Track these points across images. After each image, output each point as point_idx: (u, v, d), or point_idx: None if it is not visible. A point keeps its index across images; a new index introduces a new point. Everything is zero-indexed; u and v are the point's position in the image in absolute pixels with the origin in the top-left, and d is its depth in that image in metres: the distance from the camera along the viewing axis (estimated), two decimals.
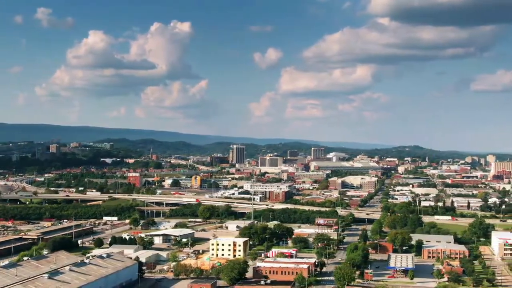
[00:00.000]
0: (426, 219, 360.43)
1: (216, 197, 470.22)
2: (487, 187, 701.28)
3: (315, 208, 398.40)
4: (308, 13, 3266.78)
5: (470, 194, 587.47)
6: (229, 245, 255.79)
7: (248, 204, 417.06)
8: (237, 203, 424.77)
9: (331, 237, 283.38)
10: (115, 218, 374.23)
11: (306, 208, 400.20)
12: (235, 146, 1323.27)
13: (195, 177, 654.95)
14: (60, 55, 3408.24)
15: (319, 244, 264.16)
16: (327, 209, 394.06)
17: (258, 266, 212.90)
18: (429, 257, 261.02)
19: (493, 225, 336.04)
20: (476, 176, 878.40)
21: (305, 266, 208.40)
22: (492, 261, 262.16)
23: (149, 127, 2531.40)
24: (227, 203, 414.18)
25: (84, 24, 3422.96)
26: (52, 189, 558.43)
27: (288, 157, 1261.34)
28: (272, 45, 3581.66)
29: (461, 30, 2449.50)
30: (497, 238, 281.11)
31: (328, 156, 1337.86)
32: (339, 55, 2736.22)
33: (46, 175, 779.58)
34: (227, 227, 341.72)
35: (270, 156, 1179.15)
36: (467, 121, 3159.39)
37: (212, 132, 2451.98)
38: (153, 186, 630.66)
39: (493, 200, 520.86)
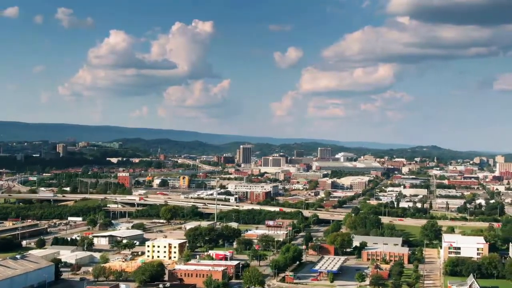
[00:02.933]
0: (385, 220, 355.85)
1: (191, 197, 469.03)
2: (480, 188, 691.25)
3: (278, 209, 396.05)
4: (326, 12, 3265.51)
5: (458, 196, 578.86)
6: (165, 247, 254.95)
7: (218, 204, 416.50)
8: (207, 203, 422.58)
9: (276, 239, 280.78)
10: (80, 219, 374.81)
11: (272, 209, 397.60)
12: (242, 146, 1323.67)
13: (183, 177, 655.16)
14: (82, 54, 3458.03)
15: (255, 246, 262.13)
16: (293, 210, 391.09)
17: (174, 269, 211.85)
18: (368, 259, 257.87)
19: (453, 227, 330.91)
20: (478, 177, 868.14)
21: (221, 268, 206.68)
22: (433, 264, 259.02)
23: (170, 126, 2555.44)
24: (193, 204, 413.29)
25: (105, 24, 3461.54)
26: (42, 188, 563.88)
27: (293, 157, 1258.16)
28: (292, 44, 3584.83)
29: (483, 29, 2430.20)
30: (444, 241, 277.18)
31: (337, 156, 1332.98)
32: (360, 54, 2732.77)
33: (45, 174, 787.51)
34: (186, 228, 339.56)
35: (274, 157, 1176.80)
36: (490, 120, 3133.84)
37: (234, 132, 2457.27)
38: (143, 186, 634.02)
39: (480, 201, 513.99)
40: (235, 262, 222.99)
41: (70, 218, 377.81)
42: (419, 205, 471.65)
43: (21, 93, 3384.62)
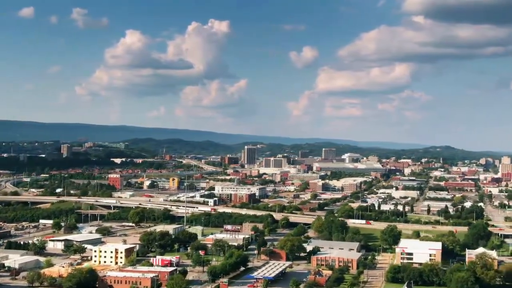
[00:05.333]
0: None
1: (170, 200, 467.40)
2: (473, 190, 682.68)
3: (252, 212, 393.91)
4: (340, 12, 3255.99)
5: (447, 198, 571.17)
6: (111, 252, 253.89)
7: (194, 207, 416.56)
8: (182, 206, 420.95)
9: (231, 243, 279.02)
10: (51, 221, 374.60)
11: (243, 212, 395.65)
12: (246, 147, 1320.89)
13: (173, 179, 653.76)
14: (99, 54, 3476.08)
15: (200, 251, 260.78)
16: (264, 213, 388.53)
17: (104, 276, 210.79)
18: (317, 264, 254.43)
19: (419, 232, 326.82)
20: (478, 179, 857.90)
21: (150, 275, 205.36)
22: (384, 270, 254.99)
23: (186, 126, 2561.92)
24: (165, 207, 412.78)
25: (120, 24, 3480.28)
26: (33, 190, 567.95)
27: (297, 158, 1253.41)
28: (307, 44, 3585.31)
29: (499, 28, 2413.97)
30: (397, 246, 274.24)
31: (343, 156, 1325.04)
32: (376, 53, 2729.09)
33: (42, 175, 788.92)
34: None
35: (276, 158, 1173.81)
36: (506, 120, 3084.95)
37: (250, 132, 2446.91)
38: (133, 188, 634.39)
39: (467, 204, 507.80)
40: (170, 269, 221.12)
41: (41, 221, 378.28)
42: (401, 208, 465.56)
43: (38, 93, 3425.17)
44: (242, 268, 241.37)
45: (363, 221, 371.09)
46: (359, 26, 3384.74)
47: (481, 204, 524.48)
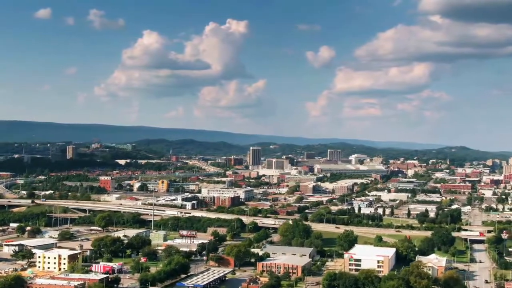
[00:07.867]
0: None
1: (148, 203, 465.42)
2: (466, 193, 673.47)
3: (222, 216, 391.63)
4: (356, 12, 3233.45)
5: (435, 201, 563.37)
6: (55, 258, 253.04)
7: (163, 210, 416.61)
8: (157, 210, 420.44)
9: (182, 249, 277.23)
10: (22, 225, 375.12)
11: (213, 216, 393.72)
12: (251, 148, 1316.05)
13: (162, 181, 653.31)
14: (116, 55, 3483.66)
15: (143, 258, 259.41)
16: (234, 216, 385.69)
17: (30, 283, 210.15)
18: (262, 271, 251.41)
19: (380, 237, 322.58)
20: (479, 181, 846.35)
21: (76, 283, 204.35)
22: None
23: (203, 127, 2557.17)
24: (136, 210, 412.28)
25: (138, 25, 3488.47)
26: (24, 192, 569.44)
27: (300, 159, 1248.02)
28: (324, 44, 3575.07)
29: None
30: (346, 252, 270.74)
31: (350, 158, 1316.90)
32: (393, 53, 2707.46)
33: (41, 177, 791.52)
34: None
35: (278, 159, 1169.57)
36: None
37: (268, 132, 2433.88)
38: (122, 190, 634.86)
39: (454, 207, 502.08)
40: (102, 276, 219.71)
41: (12, 225, 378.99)
42: (384, 211, 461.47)
43: (57, 94, 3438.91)
44: (183, 276, 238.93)
45: None
46: (376, 25, 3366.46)
47: (467, 207, 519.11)
